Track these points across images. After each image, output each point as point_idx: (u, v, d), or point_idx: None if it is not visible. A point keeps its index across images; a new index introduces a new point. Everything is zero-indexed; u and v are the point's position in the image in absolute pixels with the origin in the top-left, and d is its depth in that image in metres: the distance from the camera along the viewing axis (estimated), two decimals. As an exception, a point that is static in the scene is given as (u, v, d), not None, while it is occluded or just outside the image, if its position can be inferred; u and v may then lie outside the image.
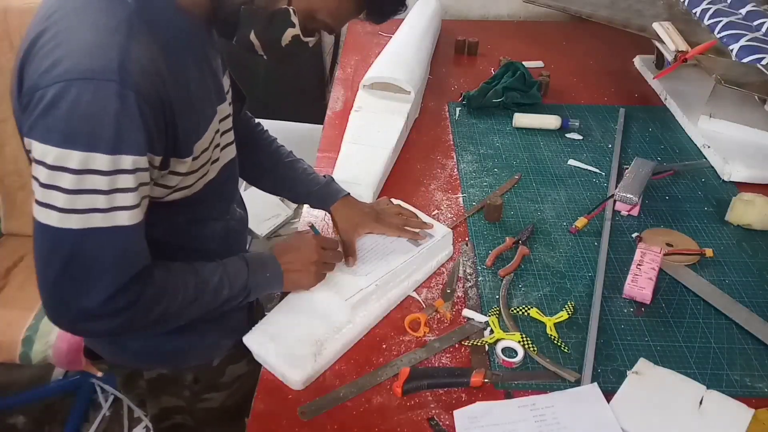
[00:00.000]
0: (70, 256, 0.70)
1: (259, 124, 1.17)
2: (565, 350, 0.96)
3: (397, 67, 1.59)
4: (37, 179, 0.68)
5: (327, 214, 1.15)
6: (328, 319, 0.97)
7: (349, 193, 1.14)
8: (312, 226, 1.06)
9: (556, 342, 0.97)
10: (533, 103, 1.64)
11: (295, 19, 0.79)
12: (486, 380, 0.89)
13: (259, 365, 0.95)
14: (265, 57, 0.84)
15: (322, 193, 1.12)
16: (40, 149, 0.67)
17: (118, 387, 1.15)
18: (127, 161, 0.68)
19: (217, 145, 0.88)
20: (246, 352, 1.03)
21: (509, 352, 0.95)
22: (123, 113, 0.66)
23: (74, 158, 0.66)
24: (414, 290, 1.06)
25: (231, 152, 0.95)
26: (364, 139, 1.39)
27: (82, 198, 0.67)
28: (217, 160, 0.89)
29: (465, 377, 0.89)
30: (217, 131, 0.87)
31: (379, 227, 1.09)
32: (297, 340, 0.94)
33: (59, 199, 0.67)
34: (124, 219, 0.70)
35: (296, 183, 1.13)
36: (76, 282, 0.71)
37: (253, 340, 0.95)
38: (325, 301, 0.99)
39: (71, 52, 0.66)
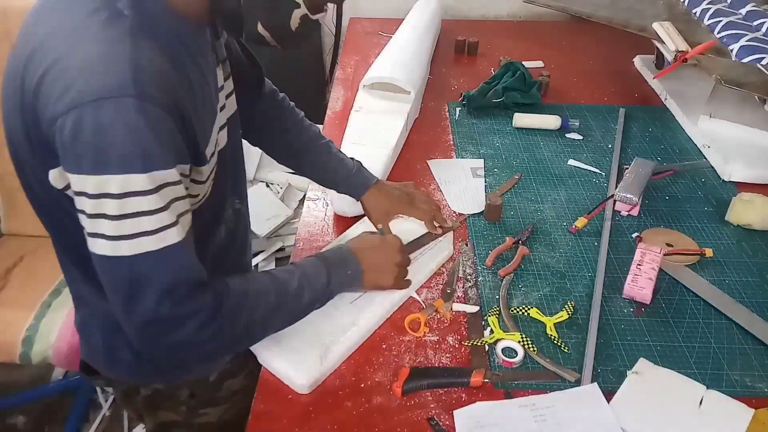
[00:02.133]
0: (129, 283, 0.68)
1: (285, 98, 1.14)
2: (565, 350, 0.96)
3: (397, 67, 1.59)
4: (83, 211, 0.66)
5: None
6: (332, 322, 0.97)
7: (378, 179, 1.13)
8: (380, 230, 1.07)
9: (556, 342, 0.97)
10: (533, 103, 1.64)
11: None
12: (486, 380, 0.89)
13: (256, 379, 0.94)
14: (279, 47, 0.81)
15: (352, 181, 1.11)
16: (76, 180, 0.65)
17: (117, 400, 1.12)
18: (160, 176, 0.65)
19: (216, 142, 0.84)
20: (243, 367, 1.03)
21: (509, 352, 0.95)
22: (147, 128, 0.64)
23: (113, 183, 0.63)
24: (415, 290, 1.07)
25: (222, 138, 0.88)
26: (364, 140, 1.39)
27: (128, 222, 0.65)
28: (213, 153, 0.83)
29: (465, 377, 0.89)
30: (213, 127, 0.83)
31: (412, 211, 1.12)
32: (303, 343, 0.93)
33: (107, 227, 0.65)
34: (173, 236, 0.68)
35: (325, 169, 1.12)
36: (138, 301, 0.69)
37: (258, 344, 0.94)
38: (329, 303, 0.99)
39: (81, 72, 0.63)
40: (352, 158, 1.14)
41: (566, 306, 1.03)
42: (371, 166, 1.29)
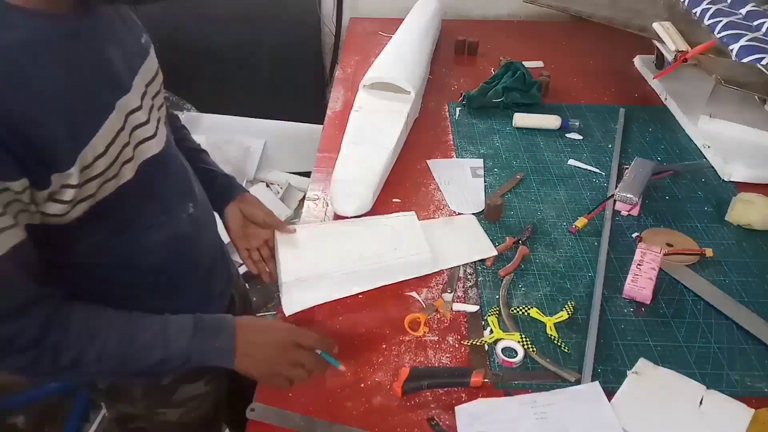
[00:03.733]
0: None
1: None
2: (566, 350, 0.96)
3: (397, 67, 1.59)
4: None
5: None
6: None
7: (248, 191, 1.09)
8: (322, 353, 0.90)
9: (556, 342, 0.97)
10: (533, 103, 1.64)
11: None
12: (486, 380, 0.89)
13: (218, 385, 0.97)
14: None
15: (217, 193, 1.06)
16: None
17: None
18: None
19: (126, 144, 0.77)
20: (203, 374, 1.02)
21: (509, 352, 0.95)
22: None
23: None
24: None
25: (153, 148, 0.83)
26: (364, 140, 1.39)
27: None
28: (130, 159, 0.78)
29: (465, 377, 0.89)
30: (122, 129, 0.76)
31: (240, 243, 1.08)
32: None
33: None
34: None
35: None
36: None
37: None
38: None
39: None
40: (223, 174, 1.09)
41: (566, 306, 1.03)
42: (371, 167, 1.30)
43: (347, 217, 1.22)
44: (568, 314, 1.01)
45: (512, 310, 1.03)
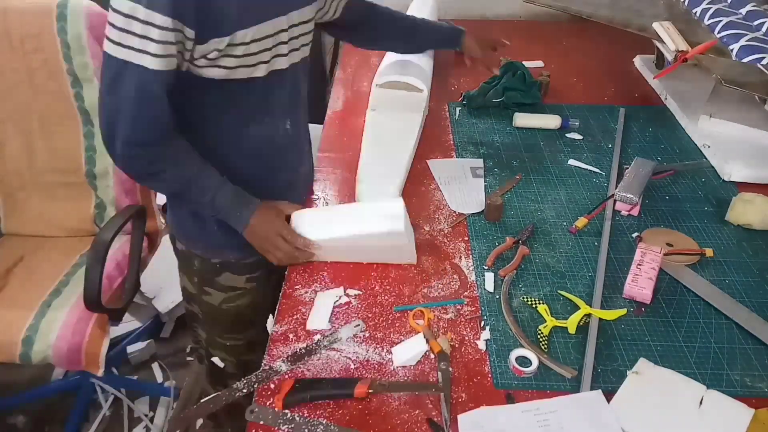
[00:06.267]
0: (112, 80, 0.92)
1: (373, 6, 1.37)
2: (544, 350, 0.95)
3: (409, 65, 1.58)
4: (111, 23, 0.90)
5: None
6: None
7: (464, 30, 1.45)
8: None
9: (541, 339, 0.96)
10: (533, 103, 1.64)
11: None
12: (371, 390, 0.87)
13: (257, 292, 1.21)
14: None
15: (447, 35, 1.46)
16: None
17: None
18: (157, 18, 0.86)
19: (267, 49, 1.00)
20: (246, 272, 1.24)
21: (522, 360, 0.93)
22: None
23: (125, 6, 0.87)
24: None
25: (283, 63, 1.06)
26: (384, 139, 1.39)
27: (125, 36, 0.89)
28: (266, 62, 1.02)
29: (349, 389, 0.87)
30: (269, 36, 0.99)
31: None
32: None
33: (113, 33, 0.89)
34: (148, 62, 0.89)
35: (427, 36, 1.45)
36: (113, 104, 0.93)
37: None
38: None
39: None
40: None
41: (577, 317, 1.00)
42: (395, 163, 1.32)
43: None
44: (575, 328, 0.99)
45: (524, 299, 1.04)
